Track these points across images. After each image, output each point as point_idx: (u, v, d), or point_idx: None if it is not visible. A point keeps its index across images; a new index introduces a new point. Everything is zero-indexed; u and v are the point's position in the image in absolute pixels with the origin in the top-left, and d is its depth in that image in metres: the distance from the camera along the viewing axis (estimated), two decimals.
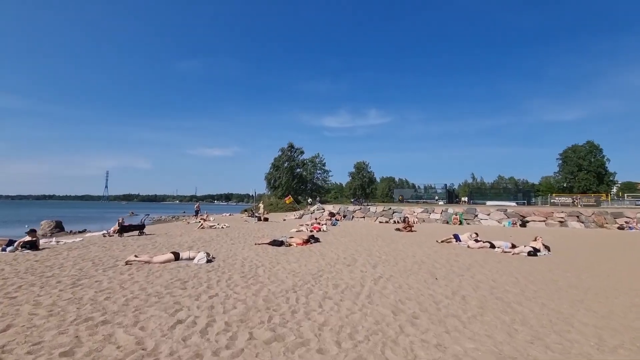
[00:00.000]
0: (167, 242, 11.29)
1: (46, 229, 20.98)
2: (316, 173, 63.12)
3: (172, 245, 10.32)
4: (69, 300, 4.37)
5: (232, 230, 16.50)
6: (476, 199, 42.00)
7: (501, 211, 24.27)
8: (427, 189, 47.70)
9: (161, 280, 5.52)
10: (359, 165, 73.86)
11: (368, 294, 4.97)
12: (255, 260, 7.70)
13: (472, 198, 43.64)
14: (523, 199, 39.34)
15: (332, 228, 18.38)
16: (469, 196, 46.68)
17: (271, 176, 54.79)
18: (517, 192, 45.60)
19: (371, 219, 26.52)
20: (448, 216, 24.57)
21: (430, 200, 41.71)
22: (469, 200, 43.81)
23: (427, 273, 6.68)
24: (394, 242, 12.24)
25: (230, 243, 10.97)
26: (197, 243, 10.96)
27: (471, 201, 42.17)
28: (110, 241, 11.57)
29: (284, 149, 55.74)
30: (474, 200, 42.18)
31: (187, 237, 12.90)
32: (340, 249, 10.05)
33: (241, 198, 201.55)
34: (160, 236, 13.51)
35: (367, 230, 17.35)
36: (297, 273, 6.34)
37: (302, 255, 8.61)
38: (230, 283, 5.44)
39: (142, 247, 9.85)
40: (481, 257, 9.07)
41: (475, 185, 78.47)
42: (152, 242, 11.08)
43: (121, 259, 7.53)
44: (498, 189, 58.39)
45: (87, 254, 8.52)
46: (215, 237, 13.06)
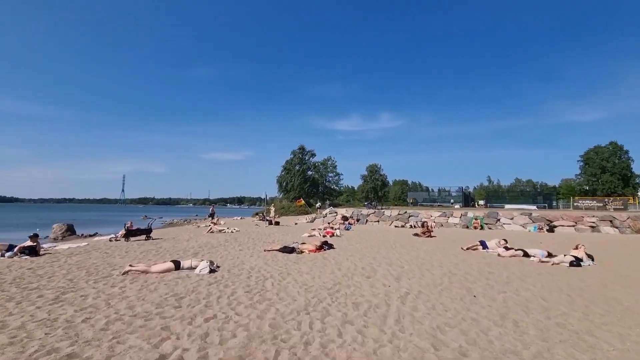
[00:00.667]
0: (173, 247, 10.67)
1: (58, 233, 20.79)
2: (328, 176, 62.37)
3: (177, 252, 9.68)
4: (40, 322, 3.67)
5: (242, 234, 15.83)
6: (494, 202, 40.36)
7: (525, 215, 22.82)
8: (441, 192, 46.25)
9: (154, 296, 4.79)
10: (371, 168, 72.56)
11: (397, 318, 4.09)
12: (264, 270, 6.91)
13: (490, 201, 41.98)
14: (544, 202, 37.53)
15: (346, 233, 17.49)
16: (486, 199, 45.01)
17: (282, 179, 54.29)
18: (536, 195, 43.73)
19: (386, 223, 25.46)
20: (468, 220, 23.30)
21: (445, 204, 40.28)
22: (486, 203, 42.16)
23: (461, 288, 5.74)
24: (415, 248, 11.27)
25: (238, 249, 10.25)
26: (203, 249, 10.28)
27: (488, 204, 40.55)
28: (114, 246, 11.04)
29: (295, 151, 55.21)
30: (492, 203, 40.52)
31: (194, 242, 12.27)
32: (357, 256, 9.17)
33: (253, 201, 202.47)
34: (167, 241, 12.94)
35: (383, 236, 16.38)
36: (310, 287, 5.51)
37: (315, 264, 7.78)
38: (233, 300, 4.65)
39: (145, 253, 9.23)
40: (516, 267, 8.03)
41: (492, 188, 76.02)
42: (157, 248, 10.47)
43: (119, 267, 6.89)
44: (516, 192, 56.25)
45: (85, 261, 7.94)
46: (224, 242, 12.38)
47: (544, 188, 60.81)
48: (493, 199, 42.72)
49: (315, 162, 57.53)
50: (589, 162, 54.01)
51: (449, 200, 42.02)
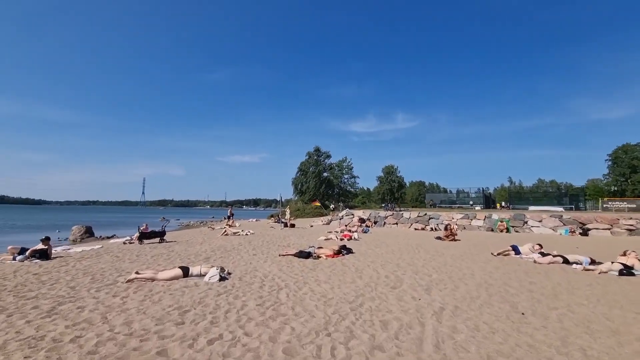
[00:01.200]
0: (185, 251, 10.30)
1: (77, 234, 21.07)
2: (343, 177, 61.62)
3: (189, 256, 9.28)
4: (24, 342, 3.22)
5: (256, 237, 15.39)
6: (516, 204, 38.58)
7: (555, 217, 21.38)
8: (459, 193, 44.68)
9: (156, 309, 4.30)
10: (387, 169, 71.25)
11: (435, 342, 3.42)
12: (278, 278, 6.35)
13: (512, 203, 40.18)
14: (570, 204, 35.53)
15: (364, 236, 16.77)
16: (508, 201, 43.11)
17: (298, 181, 53.96)
18: (561, 196, 41.56)
19: (405, 226, 24.52)
20: (492, 223, 22.07)
21: (464, 206, 38.80)
22: (508, 205, 40.33)
23: (503, 302, 4.99)
24: (440, 254, 10.45)
25: (251, 254, 9.76)
26: (216, 253, 9.85)
27: (511, 206, 38.78)
28: (127, 249, 10.78)
29: (310, 152, 54.82)
30: (514, 205, 38.74)
31: (208, 246, 11.89)
32: (378, 262, 8.48)
33: (269, 203, 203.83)
34: (180, 244, 12.64)
35: (404, 239, 15.56)
36: (330, 300, 4.90)
37: (333, 271, 7.16)
38: (242, 315, 4.10)
39: (155, 257, 8.87)
40: (559, 276, 7.14)
41: (514, 189, 73.13)
42: (169, 252, 10.13)
43: (126, 273, 6.50)
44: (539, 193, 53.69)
45: (94, 266, 7.62)
46: (237, 245, 11.94)
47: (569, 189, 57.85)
48: (515, 201, 40.94)
49: (331, 163, 56.94)
50: (617, 162, 51.02)
51: (467, 201, 40.53)
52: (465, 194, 43.76)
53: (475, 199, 40.54)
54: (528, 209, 33.31)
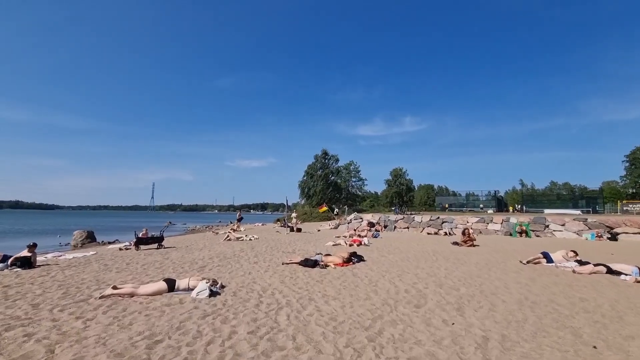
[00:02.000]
0: (181, 258, 9.44)
1: (78, 240, 20.48)
2: (351, 181, 60.61)
3: (184, 264, 8.41)
4: None
5: (260, 242, 14.50)
6: (530, 207, 37.00)
7: (579, 220, 20.00)
8: (469, 196, 43.23)
9: (121, 337, 3.40)
10: (395, 172, 70.02)
11: None
12: (279, 292, 5.40)
13: (525, 206, 38.59)
14: (587, 207, 33.85)
15: (374, 241, 15.73)
16: (521, 204, 41.46)
17: (305, 184, 53.11)
18: (577, 198, 39.80)
19: (416, 230, 23.36)
20: (511, 227, 20.78)
21: (475, 209, 37.35)
22: (522, 208, 38.72)
23: (560, 327, 3.95)
24: (461, 261, 9.39)
25: (252, 261, 8.84)
26: (214, 260, 8.97)
27: (525, 209, 37.21)
28: (120, 256, 9.99)
29: (317, 156, 53.99)
30: (528, 208, 37.16)
31: (207, 252, 11.03)
32: (394, 272, 7.48)
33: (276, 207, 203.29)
34: (179, 250, 11.81)
35: (417, 244, 14.48)
36: (341, 324, 3.93)
37: (344, 283, 6.18)
38: (228, 350, 3.15)
39: (146, 266, 8.02)
40: (611, 291, 6.03)
41: (527, 192, 70.91)
42: (163, 259, 9.29)
43: (106, 286, 5.66)
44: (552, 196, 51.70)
45: (75, 276, 6.80)
46: (239, 252, 11.05)
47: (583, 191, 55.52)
48: (529, 204, 39.36)
49: (338, 167, 55.99)
50: (635, 163, 48.93)
51: (478, 205, 39.10)
52: (475, 197, 42.36)
53: (485, 202, 39.12)
54: (544, 212, 31.83)
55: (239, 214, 30.59)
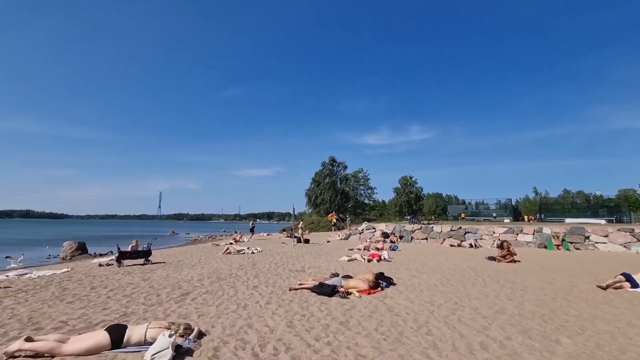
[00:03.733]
0: (164, 279, 7.59)
1: (67, 251, 18.83)
2: (359, 189, 58.56)
3: (164, 287, 6.56)
4: None
5: (264, 256, 12.58)
6: (550, 216, 34.57)
7: (625, 232, 17.66)
8: (479, 205, 40.94)
9: None
10: (404, 180, 67.96)
11: None
12: (285, 347, 3.48)
13: (543, 215, 36.10)
14: (610, 215, 31.36)
15: (394, 254, 13.69)
16: (538, 212, 38.88)
17: (312, 192, 51.20)
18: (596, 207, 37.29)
19: (436, 241, 21.19)
20: (545, 238, 18.52)
21: (489, 218, 34.95)
22: (539, 217, 36.19)
23: None
24: (517, 285, 7.34)
25: (251, 285, 6.93)
26: (204, 283, 7.08)
27: (541, 218, 34.72)
28: (92, 275, 8.19)
29: (325, 163, 52.18)
30: (546, 217, 34.68)
31: (199, 269, 9.16)
32: (442, 304, 5.49)
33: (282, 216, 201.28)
34: (167, 266, 9.98)
35: (446, 259, 12.41)
36: None
37: (379, 326, 4.24)
38: None
39: (112, 293, 6.17)
40: None
41: (541, 200, 67.80)
42: (142, 280, 7.44)
43: (36, 330, 3.85)
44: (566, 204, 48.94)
45: (8, 310, 4.99)
46: (237, 269, 9.15)
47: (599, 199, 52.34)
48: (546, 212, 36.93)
49: (347, 174, 54.05)
50: None
51: (490, 214, 36.80)
52: (484, 205, 40.08)
53: (496, 211, 36.85)
54: (564, 221, 29.41)
55: (252, 223, 28.95)
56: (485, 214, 38.00)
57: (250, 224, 28.63)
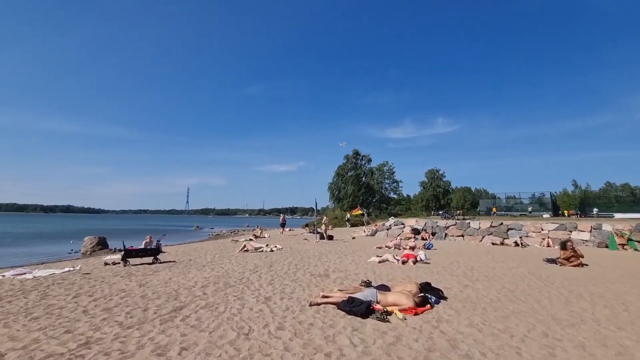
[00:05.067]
0: (164, 285, 6.43)
1: (88, 247, 18.56)
2: (385, 182, 56.32)
3: (154, 299, 5.36)
4: None
5: (283, 255, 11.31)
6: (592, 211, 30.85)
7: None
8: (510, 199, 37.64)
9: None
10: (431, 173, 64.68)
11: None
12: None
13: (585, 210, 32.32)
14: None
15: (430, 254, 11.96)
16: (580, 207, 35.02)
17: (335, 186, 49.62)
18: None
19: (474, 239, 19.10)
20: (605, 236, 16.01)
21: (524, 213, 31.75)
22: (582, 212, 32.46)
23: None
24: (610, 301, 5.52)
25: (263, 296, 5.59)
26: (207, 291, 5.83)
27: (589, 213, 31.02)
28: (88, 278, 7.21)
29: (348, 156, 50.33)
30: (591, 212, 30.96)
31: (208, 271, 7.99)
32: (523, 329, 3.89)
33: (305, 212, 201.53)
34: (176, 266, 8.94)
35: (496, 262, 10.57)
36: None
37: None
38: None
39: (94, 304, 5.04)
40: None
41: (585, 194, 62.16)
42: (137, 285, 6.32)
43: None
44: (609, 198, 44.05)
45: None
46: (250, 273, 7.89)
47: None
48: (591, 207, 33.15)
49: (371, 167, 51.96)
50: None
51: (525, 208, 33.57)
52: (516, 199, 36.77)
53: (531, 205, 33.55)
54: (614, 216, 26.03)
55: (283, 218, 27.88)
56: (518, 208, 34.92)
57: (281, 219, 27.52)
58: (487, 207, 37.40)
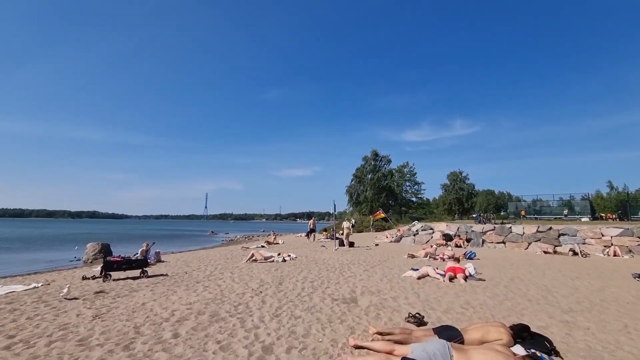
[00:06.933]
0: (132, 313, 4.62)
1: (90, 254, 17.30)
2: (405, 185, 53.55)
3: (110, 338, 3.53)
4: None
5: (297, 266, 9.37)
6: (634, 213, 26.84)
7: None
8: (536, 202, 34.24)
9: None
10: (453, 175, 61.22)
11: None
12: None
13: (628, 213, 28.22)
14: None
15: (476, 264, 9.66)
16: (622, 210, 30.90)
17: (353, 189, 47.38)
18: None
19: (518, 246, 16.51)
20: None
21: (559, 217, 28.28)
22: (624, 215, 28.47)
23: None
24: None
25: (262, 337, 3.65)
26: (182, 329, 3.96)
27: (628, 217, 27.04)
28: (43, 301, 5.51)
29: (367, 157, 48.04)
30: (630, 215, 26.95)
31: (200, 291, 6.14)
32: None
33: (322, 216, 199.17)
34: (163, 282, 7.16)
35: (566, 277, 8.22)
36: None
37: None
38: None
39: (5, 353, 3.27)
40: None
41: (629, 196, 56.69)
42: (94, 316, 4.55)
43: None
44: None
45: None
46: (252, 294, 5.98)
47: None
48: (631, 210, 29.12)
49: (391, 169, 49.40)
50: None
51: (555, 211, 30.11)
52: (543, 202, 33.36)
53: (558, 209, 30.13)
54: None
55: (312, 222, 23.08)
56: (547, 211, 31.56)
57: (310, 223, 23.08)
58: (518, 210, 34.19)
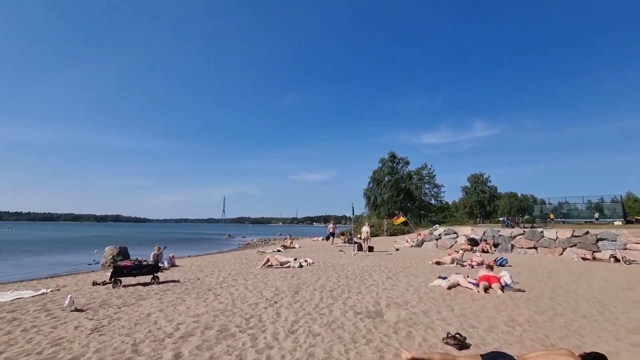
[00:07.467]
0: (135, 326, 4.19)
1: (108, 257, 17.39)
2: (424, 187, 52.16)
3: (104, 356, 3.09)
4: None
5: (314, 273, 8.81)
6: None
7: None
8: (562, 205, 32.30)
9: None
10: (475, 178, 59.18)
11: None
12: None
13: None
14: None
15: (510, 272, 8.76)
16: None
17: (371, 192, 46.46)
18: None
19: (551, 251, 15.30)
20: None
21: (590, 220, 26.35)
22: None
23: None
24: None
25: (276, 359, 3.12)
26: (186, 347, 3.49)
27: None
28: (46, 310, 5.20)
29: (384, 159, 47.08)
30: None
31: (211, 301, 5.69)
32: None
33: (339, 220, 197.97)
34: (174, 289, 6.77)
35: (616, 289, 7.27)
36: None
37: None
38: None
39: None
40: None
41: None
42: (93, 328, 4.14)
43: None
44: None
45: None
46: (265, 306, 5.46)
47: None
48: None
49: (409, 171, 48.18)
50: None
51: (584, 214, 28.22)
52: (570, 205, 31.43)
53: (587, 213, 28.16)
54: None
55: (332, 226, 22.36)
56: (574, 214, 29.75)
57: (330, 227, 22.35)
58: (546, 213, 32.41)
